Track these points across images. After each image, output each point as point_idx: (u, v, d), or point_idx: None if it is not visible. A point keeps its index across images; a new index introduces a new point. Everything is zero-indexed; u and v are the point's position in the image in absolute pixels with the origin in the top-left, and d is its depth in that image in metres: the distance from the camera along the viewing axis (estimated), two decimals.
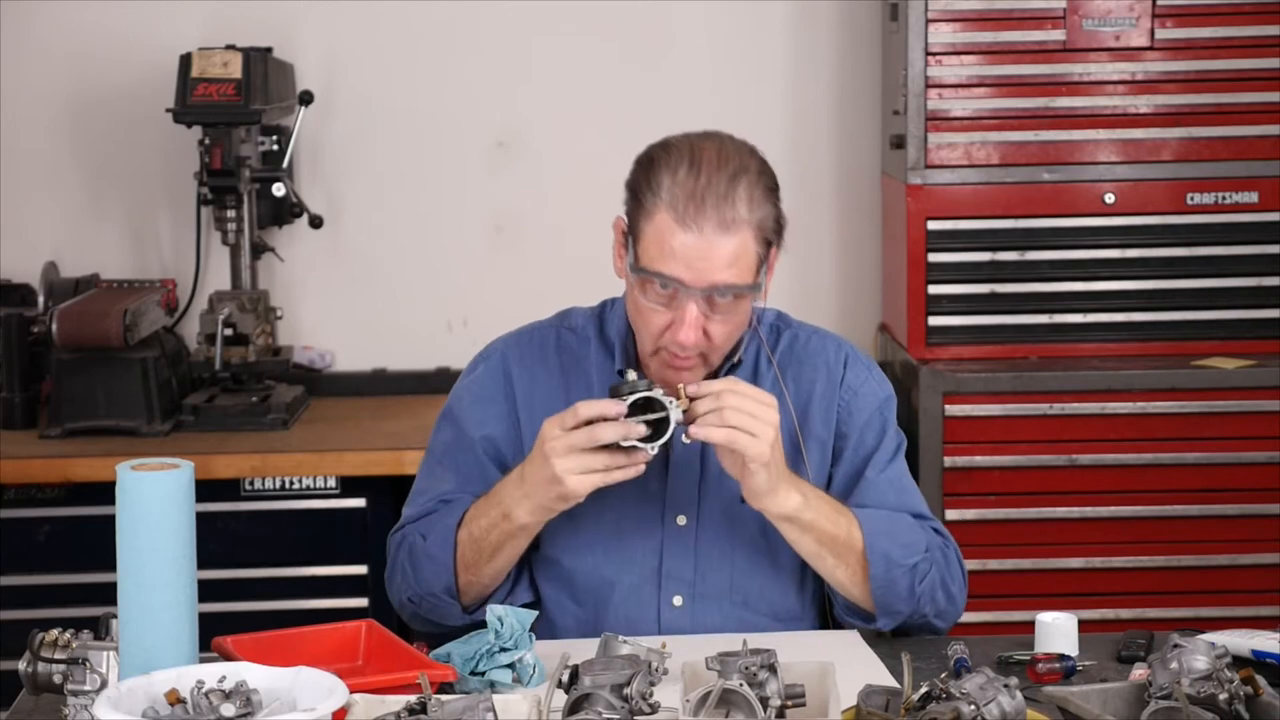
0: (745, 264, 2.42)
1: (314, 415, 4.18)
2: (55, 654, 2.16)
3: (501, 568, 2.53)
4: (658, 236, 2.41)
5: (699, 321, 2.42)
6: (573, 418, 2.38)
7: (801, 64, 4.48)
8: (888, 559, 2.50)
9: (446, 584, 2.52)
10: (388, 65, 4.43)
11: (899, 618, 2.54)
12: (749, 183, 2.43)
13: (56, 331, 3.87)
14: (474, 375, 2.66)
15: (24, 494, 3.78)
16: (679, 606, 2.57)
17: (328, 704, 1.97)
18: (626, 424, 2.36)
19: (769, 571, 2.59)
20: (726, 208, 2.40)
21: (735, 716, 2.05)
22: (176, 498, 2.11)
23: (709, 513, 2.58)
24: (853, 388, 2.63)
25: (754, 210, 2.42)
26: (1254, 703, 2.07)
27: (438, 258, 4.46)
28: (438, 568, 2.52)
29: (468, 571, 2.51)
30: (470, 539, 2.50)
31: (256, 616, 3.48)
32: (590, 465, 2.37)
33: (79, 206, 4.41)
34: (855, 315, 4.47)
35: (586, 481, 2.38)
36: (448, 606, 2.54)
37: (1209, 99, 4.02)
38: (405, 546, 2.58)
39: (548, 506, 2.44)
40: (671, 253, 2.40)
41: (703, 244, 2.39)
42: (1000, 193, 4.03)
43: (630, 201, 2.48)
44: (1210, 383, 3.92)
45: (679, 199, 2.40)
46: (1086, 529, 3.93)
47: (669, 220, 2.40)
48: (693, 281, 2.40)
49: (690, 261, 2.40)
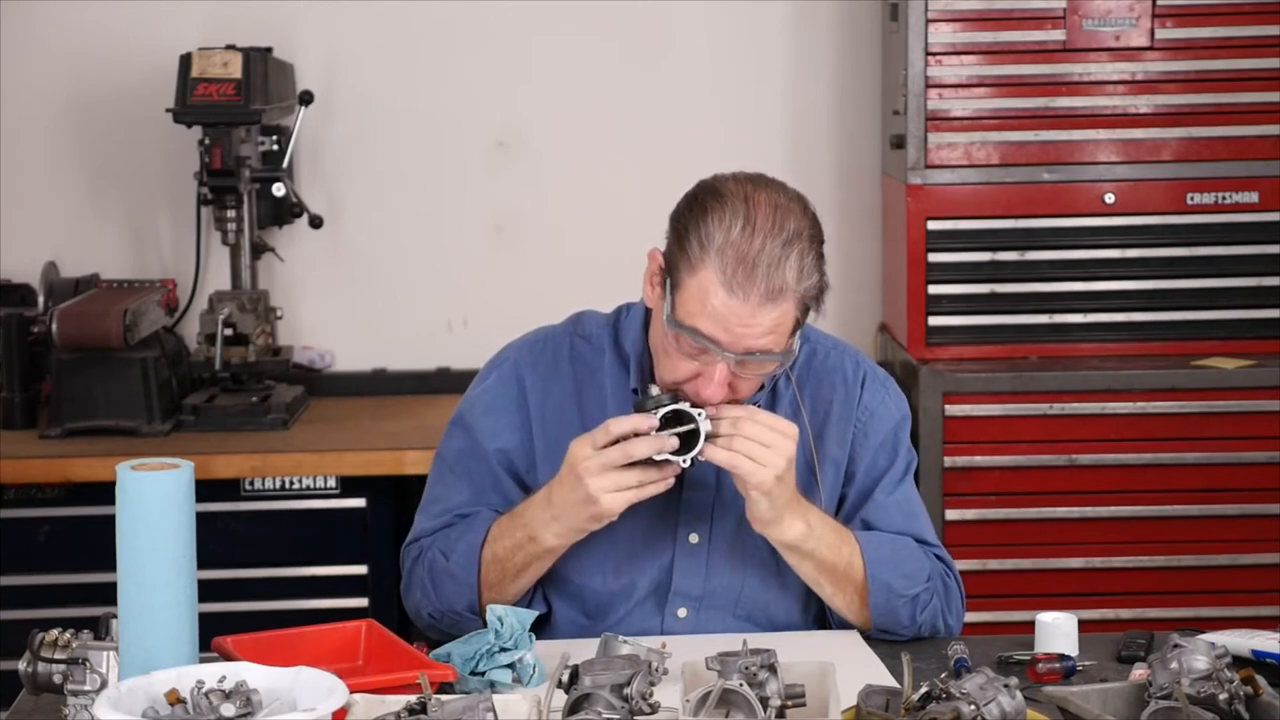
0: (783, 331, 2.38)
1: (314, 415, 4.18)
2: (55, 654, 2.16)
3: (524, 586, 2.53)
4: (700, 293, 2.34)
5: (725, 380, 2.39)
6: (604, 435, 2.37)
7: (801, 64, 4.48)
8: (889, 589, 2.51)
9: (469, 602, 2.52)
10: (388, 65, 4.43)
11: (899, 636, 2.55)
12: (801, 251, 2.35)
13: (56, 331, 3.87)
14: (487, 384, 2.63)
15: (24, 494, 3.78)
16: (683, 618, 2.57)
17: (328, 704, 1.97)
18: (660, 438, 2.35)
19: (776, 590, 2.58)
20: (775, 276, 2.33)
21: (735, 716, 2.05)
22: (176, 498, 2.11)
23: (721, 530, 2.56)
24: (869, 408, 2.61)
25: (802, 280, 2.35)
26: (1254, 703, 2.07)
27: (438, 258, 4.46)
28: (460, 587, 2.52)
29: (490, 591, 2.51)
30: (494, 559, 2.50)
31: (256, 616, 3.48)
32: (624, 483, 2.37)
33: (79, 206, 4.41)
34: (855, 315, 4.47)
35: (621, 499, 2.38)
36: (469, 622, 2.52)
37: (1209, 99, 4.02)
38: (424, 563, 2.56)
39: (578, 528, 2.44)
40: (712, 313, 2.34)
41: (745, 311, 2.34)
42: (1000, 193, 4.03)
43: (673, 243, 2.40)
44: (1210, 383, 3.92)
45: (729, 262, 2.33)
46: (1086, 529, 3.93)
47: (714, 281, 2.33)
48: (729, 345, 2.36)
49: (729, 326, 2.34)
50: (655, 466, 2.37)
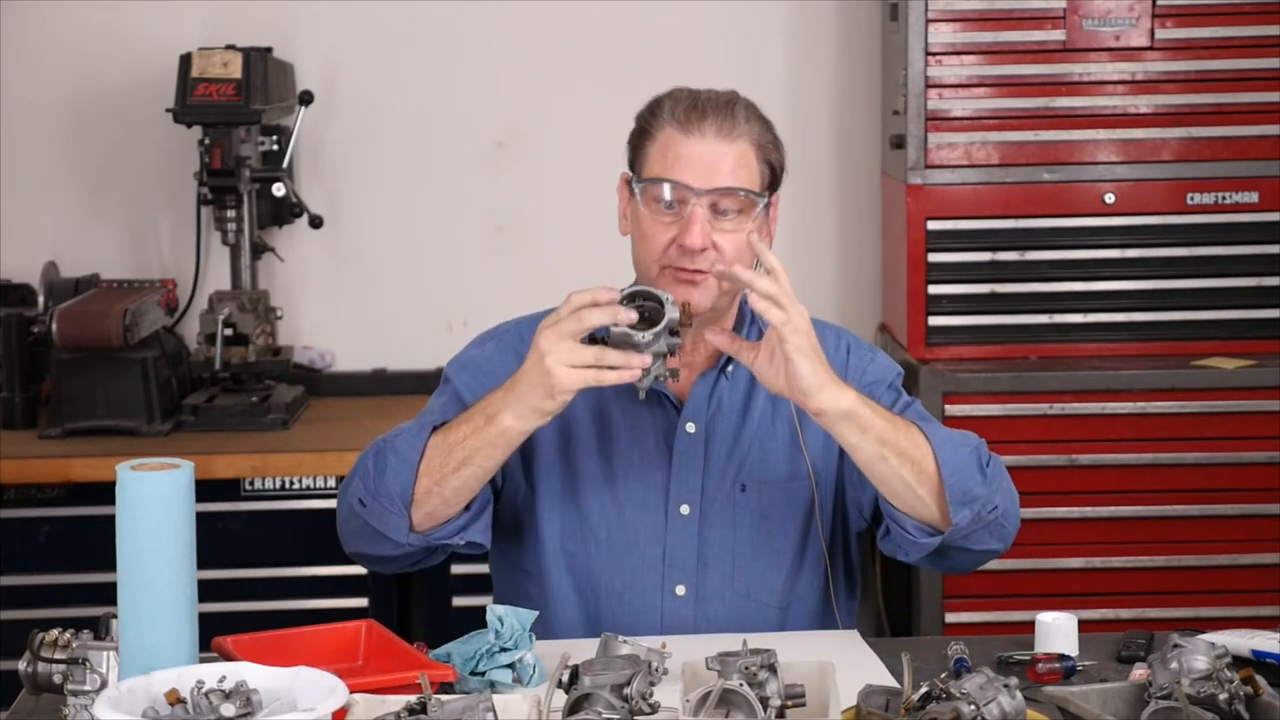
0: (749, 173, 2.48)
1: (314, 415, 4.18)
2: (55, 654, 2.16)
3: (467, 482, 2.42)
4: (662, 150, 2.49)
5: (706, 224, 2.44)
6: (566, 307, 2.34)
7: (801, 64, 4.48)
8: (952, 443, 2.44)
9: (404, 486, 2.42)
10: (388, 65, 4.43)
11: (975, 505, 2.42)
12: (746, 105, 2.53)
13: (56, 331, 3.87)
14: (483, 350, 2.63)
15: (24, 494, 3.78)
16: (681, 596, 2.57)
17: (328, 704, 1.97)
18: (615, 307, 2.31)
19: (768, 558, 2.59)
20: (726, 117, 2.48)
21: (735, 716, 2.05)
22: (176, 498, 2.11)
23: (712, 502, 2.57)
24: (860, 367, 2.62)
25: (752, 125, 2.50)
26: (1254, 703, 2.07)
27: (438, 258, 4.46)
28: (401, 465, 2.42)
29: (429, 477, 2.41)
30: (444, 443, 2.41)
31: (256, 616, 3.48)
32: (580, 358, 2.31)
33: (79, 206, 4.41)
34: (855, 315, 4.47)
35: (575, 376, 2.31)
36: (396, 517, 2.44)
37: (1209, 99, 4.02)
38: (373, 450, 2.49)
39: (535, 406, 2.35)
40: (676, 159, 2.47)
41: (705, 147, 2.46)
42: (1000, 193, 4.03)
43: (633, 141, 2.55)
44: (1210, 383, 3.92)
45: (679, 112, 2.50)
46: (1086, 529, 3.93)
47: (673, 131, 2.49)
48: (699, 184, 2.44)
49: (694, 166, 2.46)
50: (620, 353, 2.31)
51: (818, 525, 2.61)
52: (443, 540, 2.48)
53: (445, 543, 2.48)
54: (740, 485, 2.57)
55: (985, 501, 2.44)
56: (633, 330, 2.31)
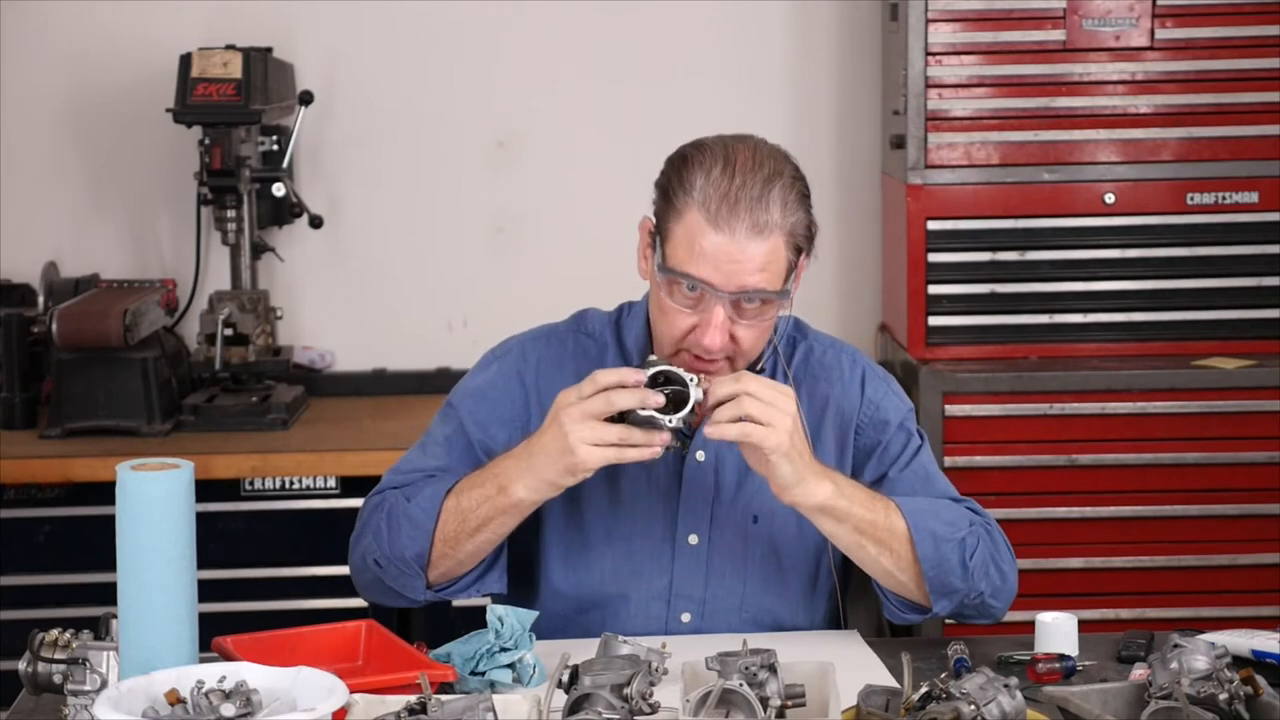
0: (775, 270, 2.39)
1: (314, 415, 4.18)
2: (55, 654, 2.16)
3: (480, 547, 2.45)
4: (688, 237, 2.37)
5: (725, 325, 2.38)
6: (591, 385, 2.33)
7: (801, 64, 4.48)
8: (934, 536, 2.44)
9: (420, 550, 2.44)
10: (388, 65, 4.43)
11: (955, 597, 2.46)
12: (783, 187, 2.39)
13: (56, 331, 3.87)
14: (486, 374, 2.61)
15: (24, 494, 3.78)
16: (687, 623, 2.56)
17: (328, 704, 1.97)
18: (644, 390, 2.31)
19: (778, 590, 2.57)
20: (760, 211, 2.36)
21: (735, 716, 2.05)
22: (176, 498, 2.11)
23: (721, 532, 2.55)
24: (874, 401, 2.60)
25: (787, 215, 2.39)
26: (1254, 703, 2.07)
27: (438, 258, 4.46)
28: (416, 532, 2.44)
29: (445, 544, 2.44)
30: (457, 509, 2.43)
31: (256, 616, 3.48)
32: (604, 437, 2.31)
33: (79, 206, 4.41)
34: (855, 315, 4.47)
35: (598, 455, 2.32)
36: (412, 578, 2.46)
37: (1209, 99, 4.02)
38: (385, 508, 2.50)
39: (552, 481, 2.37)
40: (701, 253, 2.36)
41: (734, 246, 2.36)
42: (1000, 193, 4.03)
43: (660, 201, 2.44)
44: (1210, 383, 3.92)
45: (711, 199, 2.36)
46: (1086, 529, 3.93)
47: (700, 220, 2.37)
48: (722, 284, 2.36)
49: (720, 264, 2.36)
50: (642, 432, 2.32)
51: (829, 556, 2.58)
52: (459, 593, 2.51)
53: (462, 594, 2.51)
54: (753, 516, 2.54)
55: (966, 593, 2.47)
56: (659, 414, 2.32)
